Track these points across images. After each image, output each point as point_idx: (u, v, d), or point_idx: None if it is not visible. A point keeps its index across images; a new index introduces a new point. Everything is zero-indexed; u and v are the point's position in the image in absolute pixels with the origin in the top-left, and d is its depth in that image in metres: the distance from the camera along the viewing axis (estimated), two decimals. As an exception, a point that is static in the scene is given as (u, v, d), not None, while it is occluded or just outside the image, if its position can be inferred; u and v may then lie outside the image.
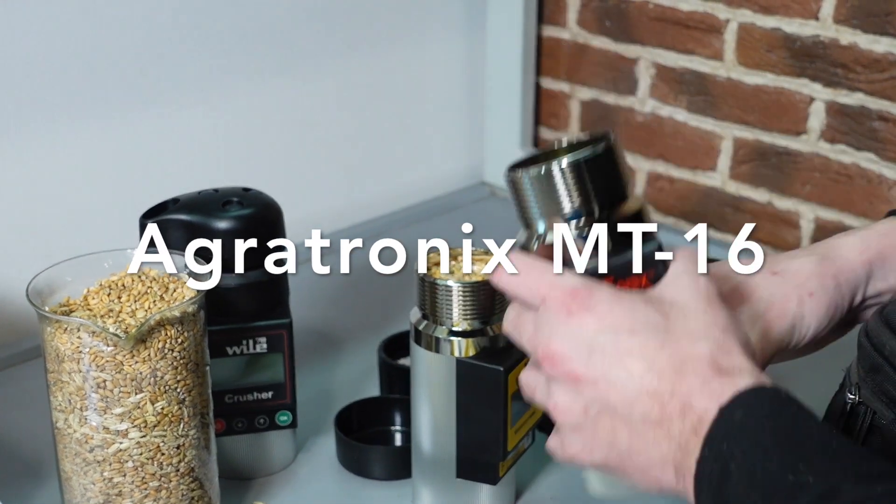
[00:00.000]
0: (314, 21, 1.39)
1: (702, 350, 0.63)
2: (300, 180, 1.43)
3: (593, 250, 0.67)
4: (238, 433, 0.97)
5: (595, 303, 0.65)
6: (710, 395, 0.61)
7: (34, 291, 0.83)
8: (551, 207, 0.67)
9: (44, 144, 1.20)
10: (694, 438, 0.61)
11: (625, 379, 0.63)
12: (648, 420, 0.63)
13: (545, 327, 0.66)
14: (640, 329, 0.64)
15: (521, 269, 0.67)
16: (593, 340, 0.64)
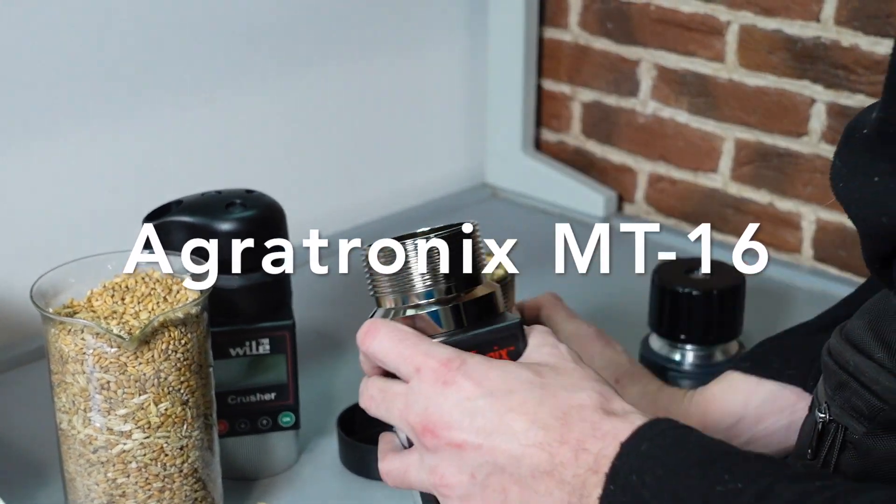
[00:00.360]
0: (317, 23, 1.39)
1: (583, 399, 0.64)
2: (302, 182, 1.43)
3: (453, 326, 0.69)
4: (241, 434, 0.97)
5: (469, 369, 0.65)
6: (603, 435, 0.62)
7: (38, 293, 0.84)
8: (406, 285, 0.70)
9: (47, 146, 1.20)
10: (593, 477, 0.61)
11: (509, 437, 0.63)
12: (538, 471, 0.62)
13: (420, 399, 0.65)
14: (517, 388, 0.64)
15: (393, 337, 0.67)
16: (473, 405, 0.64)
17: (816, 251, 1.37)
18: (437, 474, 0.65)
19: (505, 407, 0.64)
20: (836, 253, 1.36)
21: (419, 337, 0.68)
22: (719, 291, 1.07)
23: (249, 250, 0.94)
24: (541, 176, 1.54)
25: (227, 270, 0.94)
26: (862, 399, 0.74)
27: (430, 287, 0.70)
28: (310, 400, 1.05)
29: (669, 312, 1.08)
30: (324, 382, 1.13)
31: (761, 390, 0.91)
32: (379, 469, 0.71)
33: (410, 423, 0.66)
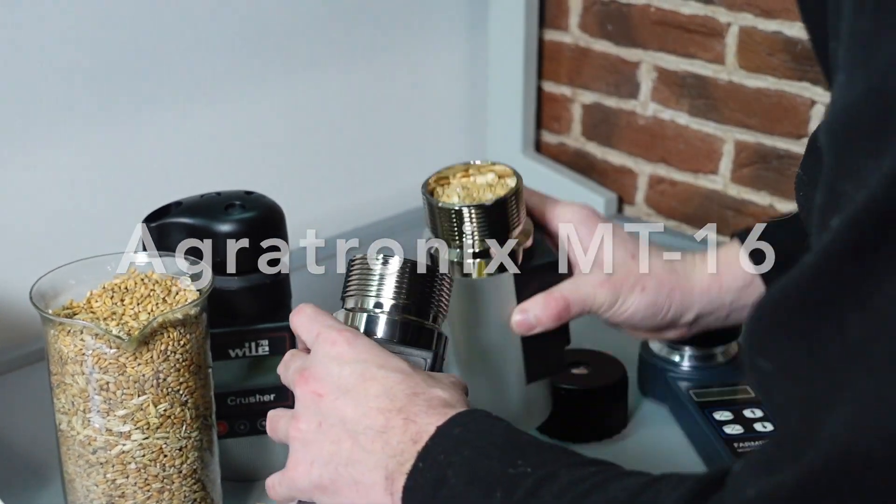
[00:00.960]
0: (316, 25, 1.39)
1: (435, 392, 0.71)
2: (302, 183, 1.43)
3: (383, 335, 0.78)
4: (240, 435, 0.97)
5: (357, 342, 0.73)
6: (433, 415, 0.69)
7: (37, 294, 0.84)
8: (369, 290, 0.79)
9: (46, 148, 1.20)
10: (411, 448, 0.68)
11: (361, 398, 0.71)
12: (371, 430, 0.70)
13: (310, 358, 0.74)
14: (387, 367, 0.72)
15: (313, 314, 0.77)
16: (344, 366, 0.72)
17: (816, 253, 1.37)
18: (295, 419, 0.73)
19: (369, 374, 0.71)
20: (836, 255, 1.36)
21: (331, 317, 0.77)
22: (719, 293, 1.07)
23: (248, 251, 0.94)
24: (541, 178, 1.54)
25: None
26: None
27: (384, 299, 0.78)
28: (309, 401, 1.05)
29: (669, 314, 1.08)
30: (323, 384, 1.13)
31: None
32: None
33: (295, 374, 0.75)
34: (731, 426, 1.01)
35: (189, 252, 0.89)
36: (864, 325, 0.50)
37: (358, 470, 0.70)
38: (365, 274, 0.79)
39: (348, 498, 0.70)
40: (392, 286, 0.78)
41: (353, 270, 0.80)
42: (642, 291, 0.94)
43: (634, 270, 0.94)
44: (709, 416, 1.02)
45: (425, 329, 0.78)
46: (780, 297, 0.54)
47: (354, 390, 0.71)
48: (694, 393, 1.05)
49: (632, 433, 1.06)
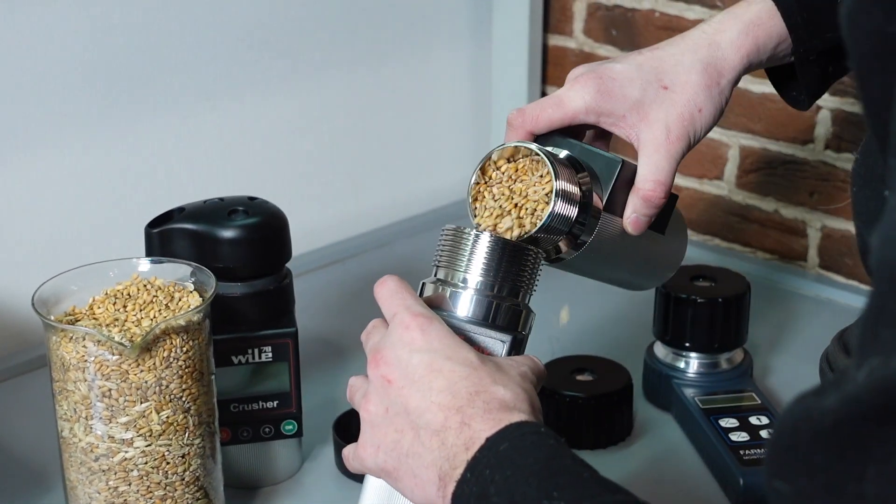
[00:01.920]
0: (321, 31, 1.39)
1: (497, 391, 0.71)
2: (306, 189, 1.43)
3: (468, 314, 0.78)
4: (243, 442, 0.97)
5: (430, 329, 0.73)
6: (488, 420, 0.69)
7: (40, 301, 0.83)
8: (460, 264, 0.78)
9: (49, 153, 1.20)
10: (462, 454, 0.69)
11: (426, 390, 0.71)
12: (430, 427, 0.70)
13: (385, 338, 0.75)
14: (455, 359, 0.72)
15: (394, 288, 0.77)
16: (413, 354, 0.72)
17: (822, 258, 1.37)
18: (366, 398, 0.74)
19: (436, 367, 0.71)
20: (842, 260, 1.35)
21: (412, 294, 0.76)
22: (724, 299, 1.06)
23: (252, 258, 0.94)
24: (545, 183, 1.53)
25: (230, 278, 0.93)
26: None
27: (471, 276, 0.77)
28: (312, 408, 1.05)
29: (674, 320, 1.07)
30: (327, 390, 1.13)
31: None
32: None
33: (371, 350, 0.76)
34: (736, 433, 1.00)
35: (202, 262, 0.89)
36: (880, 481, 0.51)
37: (417, 463, 0.71)
38: (455, 246, 0.78)
39: (408, 487, 0.72)
40: (480, 263, 0.77)
41: (446, 241, 0.79)
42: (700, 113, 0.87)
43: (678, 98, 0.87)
44: (714, 423, 1.02)
45: (509, 309, 0.78)
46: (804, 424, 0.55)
47: (420, 381, 0.71)
48: (699, 400, 1.05)
49: (637, 440, 1.06)
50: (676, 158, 0.86)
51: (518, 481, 0.66)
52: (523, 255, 0.78)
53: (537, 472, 0.66)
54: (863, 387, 0.52)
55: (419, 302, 0.76)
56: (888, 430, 0.51)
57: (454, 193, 1.56)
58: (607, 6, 1.48)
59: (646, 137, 0.87)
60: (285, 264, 0.98)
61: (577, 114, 0.86)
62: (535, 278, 0.80)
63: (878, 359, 0.52)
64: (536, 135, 0.87)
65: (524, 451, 0.67)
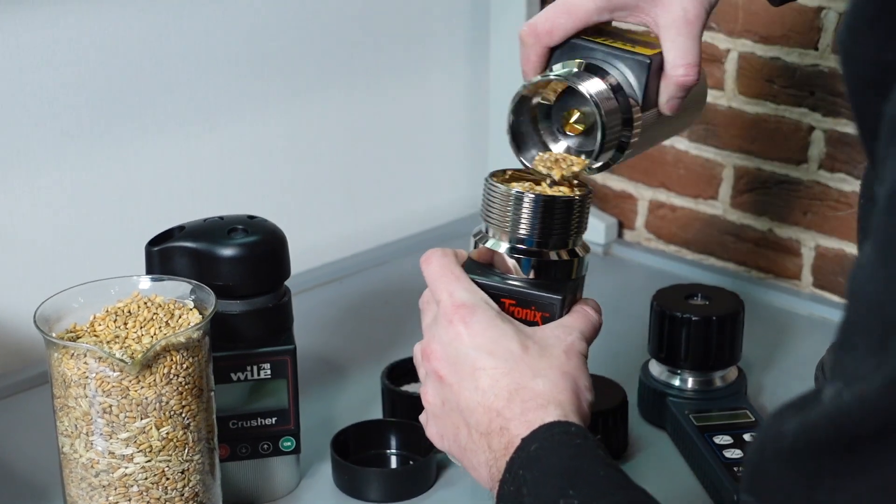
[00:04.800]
0: (319, 52, 1.40)
1: (536, 385, 0.74)
2: (305, 208, 1.44)
3: (515, 274, 0.79)
4: (242, 459, 0.98)
5: (473, 321, 0.76)
6: (524, 423, 0.73)
7: (41, 318, 0.84)
8: (506, 223, 0.79)
9: (51, 172, 1.21)
10: (503, 458, 0.73)
11: (473, 389, 0.75)
12: (479, 429, 0.75)
13: (434, 326, 0.78)
14: (498, 353, 0.75)
15: (437, 270, 0.79)
16: (459, 351, 0.76)
17: (816, 278, 1.38)
18: (425, 387, 0.79)
19: (480, 364, 0.75)
20: (836, 280, 1.36)
21: (455, 276, 0.78)
22: (718, 318, 1.07)
23: (251, 276, 0.95)
24: (542, 203, 1.54)
25: (229, 296, 0.94)
26: None
27: (521, 234, 0.78)
28: (311, 425, 1.06)
29: (669, 339, 1.08)
30: (325, 407, 1.14)
31: None
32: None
33: (423, 339, 0.79)
34: (730, 450, 1.01)
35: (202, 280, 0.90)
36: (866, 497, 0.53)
37: (474, 459, 0.76)
38: (501, 205, 0.79)
39: (473, 475, 0.77)
40: (528, 223, 0.78)
41: (493, 199, 0.79)
42: None
43: None
44: (709, 441, 1.02)
45: (561, 263, 0.79)
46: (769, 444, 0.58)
47: (467, 380, 0.75)
48: (694, 417, 1.06)
49: (632, 457, 1.07)
50: (699, 35, 0.87)
51: (542, 481, 0.69)
52: (570, 206, 0.78)
53: (558, 472, 0.69)
54: (820, 415, 0.54)
55: (463, 285, 0.78)
56: (838, 460, 0.53)
57: (452, 212, 1.57)
58: (603, 27, 1.49)
59: (665, 21, 0.87)
60: (284, 282, 0.99)
61: (589, 16, 0.86)
62: (586, 220, 0.80)
63: (838, 385, 0.54)
64: (553, 47, 0.86)
65: (551, 451, 0.71)
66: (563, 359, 0.76)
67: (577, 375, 0.76)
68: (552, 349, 0.76)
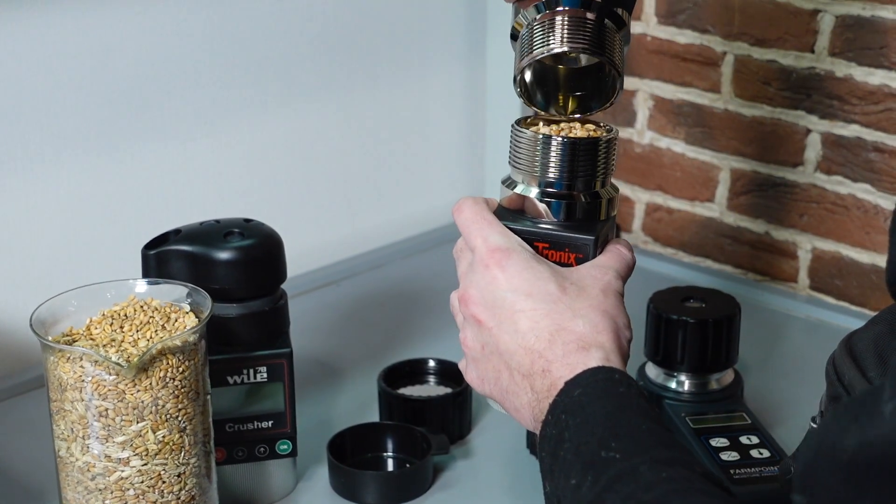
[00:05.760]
0: (316, 54, 1.40)
1: (576, 326, 0.74)
2: (301, 211, 1.44)
3: (547, 217, 0.80)
4: (238, 462, 0.98)
5: (509, 264, 0.76)
6: (566, 366, 0.73)
7: (37, 321, 0.84)
8: (535, 168, 0.79)
9: (47, 176, 1.21)
10: (546, 399, 0.73)
11: (512, 332, 0.75)
12: (520, 370, 0.75)
13: (470, 272, 0.79)
14: (536, 295, 0.75)
15: (470, 217, 0.79)
16: (497, 295, 0.76)
17: (812, 280, 1.38)
18: (463, 331, 0.80)
19: (519, 306, 0.75)
20: (832, 282, 1.37)
21: (488, 222, 0.79)
22: (715, 320, 1.07)
23: (247, 279, 0.95)
24: (538, 205, 1.54)
25: (225, 299, 0.94)
26: None
27: (550, 178, 0.79)
28: (307, 428, 1.06)
29: (665, 341, 1.08)
30: (321, 410, 1.14)
31: None
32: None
33: (460, 286, 0.80)
34: (726, 453, 1.01)
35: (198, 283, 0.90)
36: None
37: (517, 401, 0.76)
38: (529, 150, 0.79)
39: (515, 417, 0.78)
40: (556, 166, 0.79)
41: (521, 144, 0.80)
42: None
43: None
44: (705, 443, 1.02)
45: (591, 204, 0.79)
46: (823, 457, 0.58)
47: (506, 322, 0.76)
48: (690, 419, 1.06)
49: (628, 460, 1.07)
50: None
51: (584, 429, 0.70)
52: (597, 147, 0.79)
53: (602, 421, 0.70)
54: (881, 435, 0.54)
55: (496, 229, 0.78)
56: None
57: (448, 215, 1.57)
58: (600, 30, 1.49)
59: None
60: (280, 285, 0.99)
61: None
62: (613, 161, 0.81)
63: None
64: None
65: (594, 399, 0.71)
66: (602, 298, 0.76)
67: (615, 314, 0.76)
68: (590, 289, 0.77)
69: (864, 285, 1.34)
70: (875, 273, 1.33)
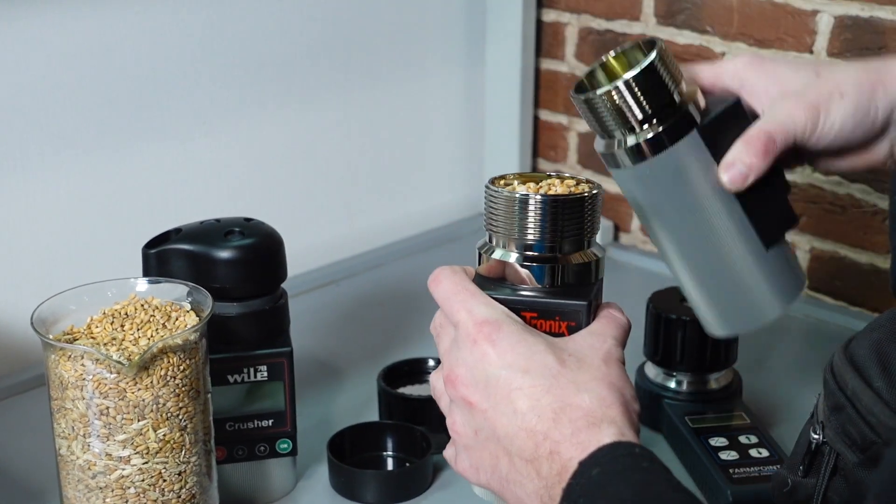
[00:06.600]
0: (317, 54, 1.40)
1: (582, 401, 0.67)
2: (301, 211, 1.44)
3: (530, 284, 0.73)
4: (239, 461, 0.98)
5: (499, 338, 0.69)
6: (576, 445, 0.66)
7: (38, 320, 0.84)
8: (515, 231, 0.73)
9: (48, 175, 1.21)
10: (557, 486, 0.66)
11: (510, 414, 0.68)
12: (522, 455, 0.67)
13: (455, 350, 0.71)
14: (533, 370, 0.68)
15: (450, 289, 0.72)
16: (489, 373, 0.69)
17: (811, 280, 1.38)
18: (452, 416, 0.72)
19: (515, 384, 0.68)
20: (831, 282, 1.37)
21: (471, 293, 0.72)
22: (714, 320, 1.07)
23: (248, 278, 0.95)
24: (538, 205, 1.55)
25: (226, 298, 0.94)
26: (856, 427, 0.73)
27: (533, 240, 0.72)
28: (307, 427, 1.06)
29: (665, 341, 1.09)
30: (321, 410, 1.14)
31: None
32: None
33: (443, 366, 0.72)
34: (726, 452, 1.01)
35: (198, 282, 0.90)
36: None
37: (520, 490, 0.69)
38: (506, 211, 0.73)
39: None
40: (540, 227, 0.72)
41: (498, 204, 0.73)
42: (841, 98, 0.78)
43: (825, 82, 0.80)
44: (704, 443, 1.03)
45: (580, 266, 0.72)
46: None
47: (502, 403, 0.68)
48: (689, 419, 1.06)
49: (628, 459, 1.07)
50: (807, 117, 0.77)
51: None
52: (581, 204, 0.72)
53: (630, 501, 0.63)
54: None
55: (481, 300, 0.71)
56: None
57: (448, 215, 1.58)
58: (598, 31, 1.50)
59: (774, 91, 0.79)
60: (280, 285, 0.99)
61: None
62: (598, 218, 0.74)
63: None
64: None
65: (615, 478, 0.64)
66: (605, 369, 0.69)
67: (621, 385, 0.69)
68: (590, 359, 0.70)
69: (863, 285, 1.34)
70: (873, 273, 1.33)
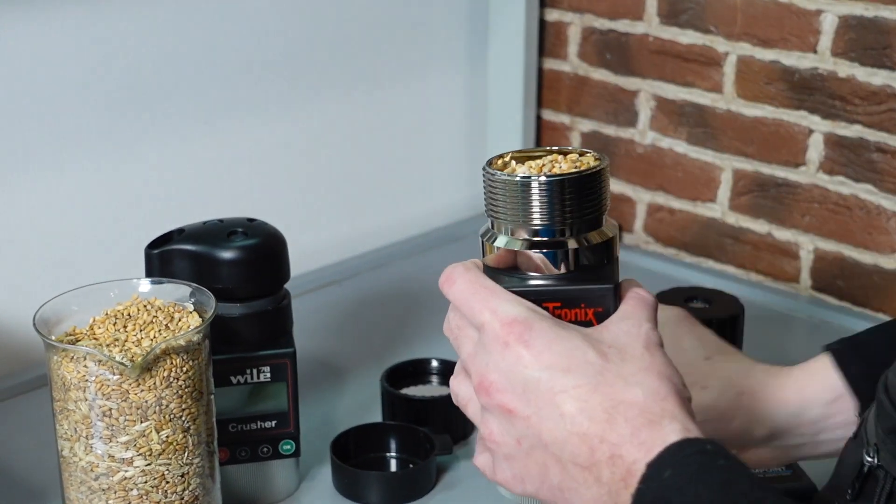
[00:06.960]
0: (319, 54, 1.40)
1: (634, 396, 0.62)
2: (304, 211, 1.44)
3: (547, 271, 0.67)
4: (242, 462, 0.98)
5: (532, 337, 0.64)
6: (638, 446, 0.61)
7: (41, 321, 0.84)
8: (524, 215, 0.66)
9: (50, 175, 1.21)
10: (624, 491, 0.61)
11: (557, 418, 0.63)
12: (577, 462, 0.62)
13: (482, 354, 0.65)
14: (575, 369, 0.63)
15: (466, 288, 0.66)
16: (528, 376, 0.63)
17: (815, 280, 1.38)
18: (488, 426, 0.66)
19: (559, 386, 0.63)
20: (835, 282, 1.36)
21: (490, 290, 0.66)
22: (718, 321, 1.07)
23: (251, 279, 0.95)
24: (540, 205, 1.54)
25: (229, 299, 0.94)
26: None
27: (545, 224, 0.66)
28: (310, 428, 1.06)
29: (668, 341, 1.08)
30: (324, 410, 1.14)
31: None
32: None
33: (470, 373, 0.67)
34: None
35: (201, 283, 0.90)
36: None
37: (578, 498, 0.64)
38: (513, 195, 0.66)
39: None
40: (554, 210, 0.65)
41: (502, 189, 0.66)
42: (703, 389, 0.80)
43: (701, 369, 0.82)
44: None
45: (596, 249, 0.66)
46: None
47: (546, 408, 0.63)
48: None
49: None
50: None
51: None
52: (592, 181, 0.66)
53: (713, 501, 0.59)
54: None
55: (504, 298, 0.65)
56: None
57: (450, 215, 1.57)
58: (601, 30, 1.50)
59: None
60: (284, 285, 0.99)
61: None
62: (608, 191, 0.68)
63: None
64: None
65: (691, 479, 0.60)
66: (648, 357, 0.64)
67: (670, 373, 0.64)
68: (631, 348, 0.65)
69: (867, 286, 1.34)
70: (877, 273, 1.33)
